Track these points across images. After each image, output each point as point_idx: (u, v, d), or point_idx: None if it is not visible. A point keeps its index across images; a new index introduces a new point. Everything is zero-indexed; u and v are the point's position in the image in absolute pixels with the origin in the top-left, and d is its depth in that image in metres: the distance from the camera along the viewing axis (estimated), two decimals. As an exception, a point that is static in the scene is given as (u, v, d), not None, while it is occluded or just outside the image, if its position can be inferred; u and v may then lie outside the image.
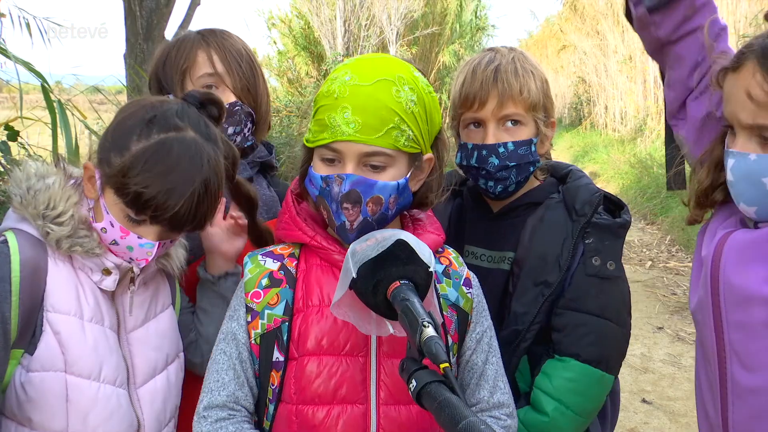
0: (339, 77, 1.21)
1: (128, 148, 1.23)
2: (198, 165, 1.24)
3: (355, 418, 1.22)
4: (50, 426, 1.28)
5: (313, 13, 16.66)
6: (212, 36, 1.71)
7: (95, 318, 1.33)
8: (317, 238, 1.29)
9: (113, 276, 1.34)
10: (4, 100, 7.78)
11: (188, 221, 1.26)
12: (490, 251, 1.66)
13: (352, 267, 1.06)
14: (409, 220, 1.37)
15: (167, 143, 1.23)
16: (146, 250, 1.30)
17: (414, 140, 1.22)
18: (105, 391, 1.32)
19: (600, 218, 1.56)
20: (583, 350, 1.50)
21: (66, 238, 1.29)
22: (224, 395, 1.26)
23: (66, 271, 1.32)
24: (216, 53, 1.67)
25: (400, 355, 1.23)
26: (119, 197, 1.24)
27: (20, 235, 1.30)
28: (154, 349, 1.43)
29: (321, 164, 1.23)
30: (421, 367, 0.96)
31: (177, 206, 1.22)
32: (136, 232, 1.28)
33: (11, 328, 1.24)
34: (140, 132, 1.24)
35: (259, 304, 1.27)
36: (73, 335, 1.29)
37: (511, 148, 1.55)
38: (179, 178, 1.22)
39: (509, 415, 1.34)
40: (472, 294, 1.36)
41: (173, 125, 1.25)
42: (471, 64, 1.61)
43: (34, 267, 1.27)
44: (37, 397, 1.27)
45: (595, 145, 15.68)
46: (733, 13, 12.40)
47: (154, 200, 1.21)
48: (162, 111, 1.27)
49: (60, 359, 1.28)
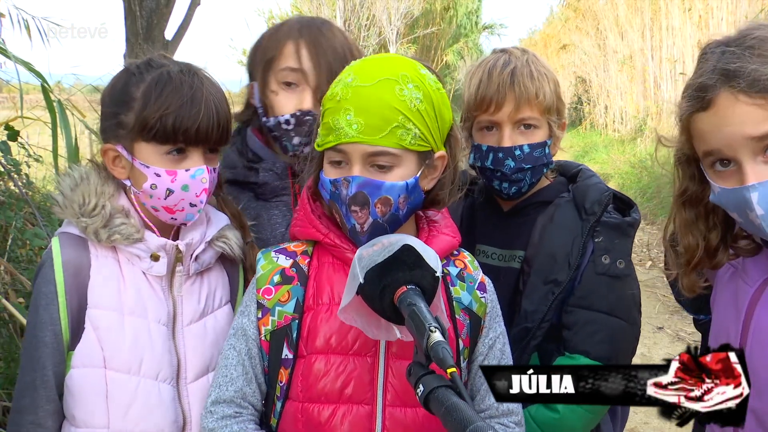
0: (342, 79, 1.22)
1: (133, 97, 1.30)
2: (198, 82, 1.33)
3: (360, 418, 1.22)
4: (92, 422, 1.30)
5: (313, 13, 16.65)
6: (308, 27, 1.60)
7: (137, 311, 1.33)
8: (330, 236, 1.29)
9: (162, 260, 1.35)
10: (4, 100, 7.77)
11: (215, 130, 1.32)
12: (501, 250, 1.68)
13: (359, 272, 1.06)
14: (425, 221, 1.37)
15: (163, 74, 1.31)
16: (200, 178, 1.32)
17: (422, 138, 1.21)
18: (145, 385, 1.32)
19: (609, 217, 1.58)
20: (593, 347, 1.52)
21: (102, 228, 1.31)
22: (232, 391, 1.26)
23: (108, 266, 1.34)
24: (306, 47, 1.56)
25: (409, 357, 1.23)
26: (150, 139, 1.29)
27: (64, 237, 1.34)
28: (210, 345, 1.42)
29: (330, 167, 1.23)
30: (428, 371, 0.96)
31: (200, 115, 1.29)
32: (182, 166, 1.32)
33: (62, 329, 1.29)
34: (135, 81, 1.31)
35: (270, 301, 1.27)
36: (111, 330, 1.31)
37: (526, 150, 1.57)
38: (188, 92, 1.30)
39: (517, 423, 1.34)
40: (486, 299, 1.35)
41: (159, 64, 1.35)
42: (485, 66, 1.61)
43: (76, 266, 1.31)
44: (78, 393, 1.29)
45: (595, 145, 15.67)
46: (733, 13, 12.41)
47: (179, 118, 1.28)
48: (143, 61, 1.37)
49: (99, 355, 1.30)
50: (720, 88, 1.10)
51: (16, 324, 3.06)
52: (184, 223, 1.38)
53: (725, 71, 1.09)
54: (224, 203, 1.51)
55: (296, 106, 1.58)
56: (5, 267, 3.37)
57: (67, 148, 2.35)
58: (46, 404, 1.30)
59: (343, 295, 1.11)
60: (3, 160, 3.24)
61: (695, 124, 1.16)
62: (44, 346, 1.29)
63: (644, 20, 15.59)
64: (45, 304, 1.30)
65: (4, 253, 3.52)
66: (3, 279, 3.39)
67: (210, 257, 1.44)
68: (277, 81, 1.59)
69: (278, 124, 1.60)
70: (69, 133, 2.34)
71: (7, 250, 3.55)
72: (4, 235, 3.62)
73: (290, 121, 1.59)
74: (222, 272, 1.50)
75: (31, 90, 3.98)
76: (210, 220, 1.44)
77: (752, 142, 1.07)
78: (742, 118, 1.07)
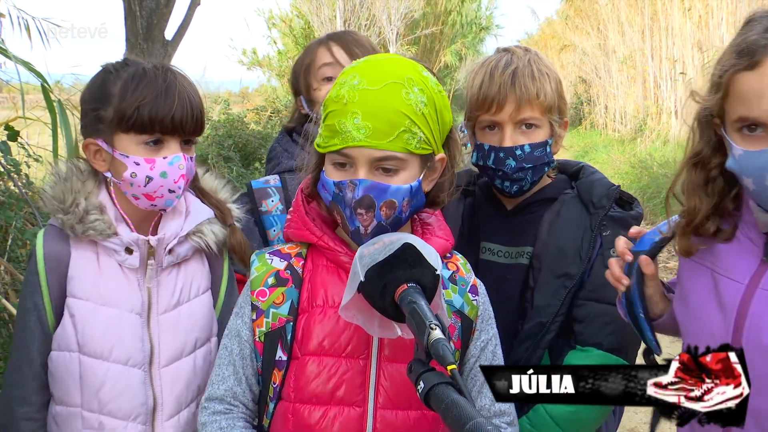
0: (347, 81, 1.20)
1: (111, 92, 1.38)
2: (171, 76, 1.42)
3: (351, 421, 1.22)
4: (68, 401, 1.42)
5: (313, 13, 16.67)
6: (334, 33, 1.86)
7: (111, 301, 1.43)
8: (324, 239, 1.29)
9: (135, 254, 1.43)
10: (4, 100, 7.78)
11: (189, 120, 1.40)
12: (507, 247, 1.69)
13: (360, 270, 1.06)
14: (418, 223, 1.37)
15: (138, 69, 1.40)
16: (177, 165, 1.40)
17: (425, 141, 1.21)
18: (114, 370, 1.41)
19: (614, 211, 1.60)
20: (606, 339, 1.54)
21: (77, 223, 1.40)
22: (222, 389, 1.28)
23: (87, 258, 1.43)
24: (335, 44, 1.78)
25: (401, 360, 1.24)
26: (128, 130, 1.37)
27: (48, 230, 1.45)
28: (184, 332, 1.49)
29: (333, 169, 1.23)
30: (428, 368, 0.96)
31: (174, 105, 1.37)
32: (159, 154, 1.39)
33: (46, 314, 1.41)
34: (112, 78, 1.40)
35: (264, 303, 1.27)
36: (86, 318, 1.41)
37: (527, 150, 1.58)
38: (162, 85, 1.38)
39: (510, 424, 1.34)
40: (478, 301, 1.35)
41: (135, 62, 1.43)
42: (487, 66, 1.61)
43: (57, 258, 1.42)
44: (56, 373, 1.42)
45: (595, 145, 15.69)
46: (733, 13, 12.43)
47: (154, 108, 1.36)
48: (119, 61, 1.45)
49: (74, 340, 1.40)
50: None
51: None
52: (164, 209, 1.45)
53: None
54: (202, 194, 1.57)
55: None
56: (5, 267, 3.38)
57: (67, 148, 2.35)
58: (31, 381, 1.42)
59: (344, 293, 1.11)
60: (3, 160, 3.24)
61: (737, 84, 1.13)
62: (29, 330, 1.42)
63: (644, 20, 15.60)
64: (30, 292, 1.42)
65: (4, 253, 3.52)
66: (3, 279, 3.39)
67: (186, 250, 1.50)
68: (317, 79, 1.77)
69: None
70: (69, 133, 2.34)
71: (7, 250, 3.55)
72: (4, 235, 3.63)
73: None
74: (202, 262, 1.56)
75: (31, 90, 3.98)
76: (189, 213, 1.51)
77: None
78: None
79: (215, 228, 1.53)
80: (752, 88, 1.10)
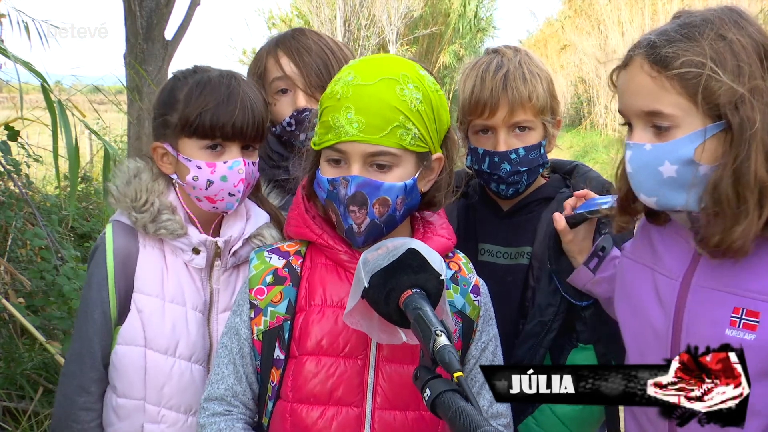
0: (342, 78, 1.21)
1: (177, 99, 1.44)
2: (235, 83, 1.46)
3: (349, 421, 1.21)
4: (131, 394, 1.46)
5: (313, 13, 16.68)
6: (284, 38, 1.76)
7: (177, 299, 1.48)
8: (324, 237, 1.28)
9: (203, 254, 1.48)
10: (4, 100, 7.78)
11: (249, 126, 1.44)
12: (506, 248, 1.69)
13: (364, 276, 1.06)
14: (420, 222, 1.36)
15: (203, 77, 1.45)
16: (237, 169, 1.44)
17: (421, 139, 1.20)
18: (180, 366, 1.47)
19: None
20: (606, 336, 1.54)
21: (150, 222, 1.45)
22: (222, 388, 1.27)
23: (154, 256, 1.49)
24: (285, 55, 1.72)
25: (399, 361, 1.24)
26: (191, 135, 1.42)
27: (117, 225, 1.49)
28: None
29: (327, 166, 1.22)
30: (434, 375, 0.96)
31: (235, 112, 1.41)
32: (220, 159, 1.44)
33: (111, 307, 1.45)
34: (180, 85, 1.45)
35: (262, 301, 1.27)
36: (153, 314, 1.46)
37: (522, 153, 1.58)
38: (225, 92, 1.43)
39: (506, 426, 1.34)
40: (480, 302, 1.35)
41: (202, 70, 1.49)
42: (478, 70, 1.60)
43: (125, 253, 1.47)
44: (120, 367, 1.46)
45: (595, 145, 15.68)
46: (733, 13, 12.37)
47: (215, 115, 1.41)
48: (188, 69, 1.51)
49: (141, 335, 1.45)
50: (638, 53, 1.19)
51: (16, 324, 3.06)
52: (225, 211, 1.50)
53: (649, 41, 1.18)
54: (262, 202, 1.62)
55: (292, 108, 1.72)
56: (5, 267, 3.38)
57: (67, 148, 2.35)
58: (90, 372, 1.46)
59: (348, 298, 1.10)
60: (3, 160, 3.24)
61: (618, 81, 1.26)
62: (93, 322, 1.45)
63: (644, 20, 15.59)
64: (96, 285, 1.46)
65: (4, 253, 3.52)
66: (3, 279, 3.40)
67: (246, 252, 1.52)
68: (271, 93, 1.73)
69: (283, 128, 1.74)
70: (69, 133, 2.33)
71: (7, 250, 3.55)
72: (4, 235, 3.63)
73: (291, 123, 1.72)
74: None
75: (31, 90, 3.98)
76: (250, 217, 1.56)
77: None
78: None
79: (273, 232, 1.58)
80: (621, 84, 1.23)
